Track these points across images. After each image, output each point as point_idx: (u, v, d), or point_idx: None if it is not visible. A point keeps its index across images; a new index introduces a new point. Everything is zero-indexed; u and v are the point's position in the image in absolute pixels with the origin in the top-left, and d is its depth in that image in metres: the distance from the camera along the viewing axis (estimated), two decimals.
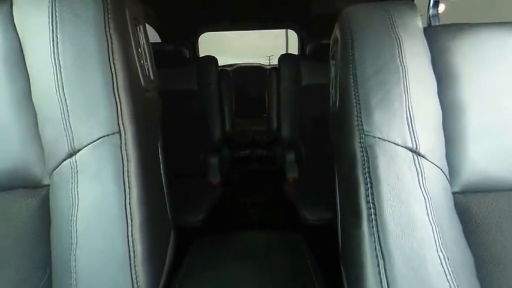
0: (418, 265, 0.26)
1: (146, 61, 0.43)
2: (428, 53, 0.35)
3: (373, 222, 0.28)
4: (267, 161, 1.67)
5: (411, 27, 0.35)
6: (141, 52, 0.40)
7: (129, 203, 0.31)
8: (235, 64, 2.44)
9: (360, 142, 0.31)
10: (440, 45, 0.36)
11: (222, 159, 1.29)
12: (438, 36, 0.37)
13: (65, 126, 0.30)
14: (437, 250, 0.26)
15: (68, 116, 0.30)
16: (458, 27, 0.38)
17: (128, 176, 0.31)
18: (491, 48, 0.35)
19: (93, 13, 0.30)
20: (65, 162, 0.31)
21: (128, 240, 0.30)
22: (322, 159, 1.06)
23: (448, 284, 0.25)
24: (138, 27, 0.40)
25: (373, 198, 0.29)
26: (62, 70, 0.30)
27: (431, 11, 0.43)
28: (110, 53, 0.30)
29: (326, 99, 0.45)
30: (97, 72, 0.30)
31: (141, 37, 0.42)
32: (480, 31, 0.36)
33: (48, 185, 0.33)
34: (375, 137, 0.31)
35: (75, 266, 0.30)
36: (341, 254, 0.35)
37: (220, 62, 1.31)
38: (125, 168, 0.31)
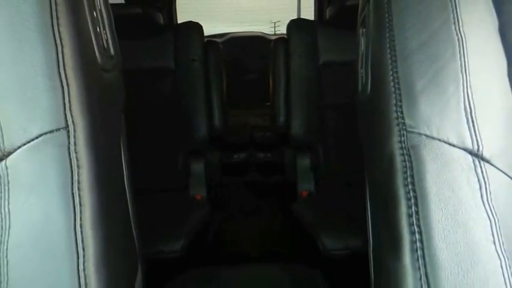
0: (469, 266, 0.27)
1: (104, 29, 0.43)
2: (496, 20, 0.36)
3: (419, 252, 0.29)
4: (271, 168, 1.67)
5: None
6: (97, 17, 0.41)
7: (80, 225, 0.31)
8: (227, 33, 2.44)
9: (401, 141, 0.32)
10: None
11: (209, 166, 1.28)
12: None
13: None
14: (502, 268, 0.27)
15: None
16: None
17: (79, 189, 0.31)
18: None
19: None
20: None
21: (79, 277, 0.30)
22: (348, 166, 1.06)
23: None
24: None
25: (418, 219, 0.29)
26: None
27: None
28: (54, 17, 0.31)
29: (353, 82, 0.46)
30: (35, 44, 0.30)
31: None
32: None
33: None
34: (420, 134, 0.31)
35: None
36: (374, 283, 0.35)
37: (207, 31, 1.31)
38: (75, 178, 0.31)
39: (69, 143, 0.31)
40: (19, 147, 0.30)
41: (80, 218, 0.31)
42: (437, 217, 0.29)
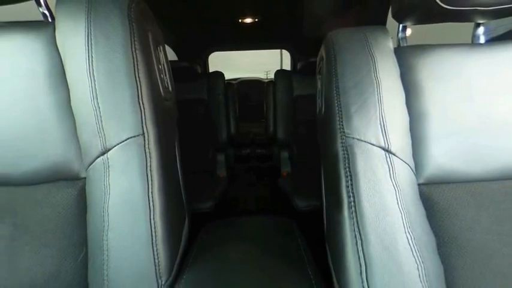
0: (389, 244, 0.26)
1: (165, 75, 0.43)
2: (398, 70, 0.35)
3: (353, 208, 0.28)
4: (265, 158, 1.67)
5: (383, 48, 0.36)
6: (161, 68, 0.40)
7: (151, 193, 0.31)
8: (238, 78, 2.45)
9: (342, 143, 0.31)
10: (408, 63, 0.36)
11: (228, 157, 1.29)
12: (406, 55, 0.37)
13: (98, 130, 0.30)
14: (405, 232, 0.27)
15: (101, 120, 0.30)
16: (422, 48, 0.38)
17: (151, 171, 0.31)
18: (451, 66, 0.35)
19: (121, 36, 0.30)
20: (98, 159, 0.31)
21: (150, 224, 0.30)
22: (311, 157, 1.06)
23: (413, 259, 0.25)
24: (158, 47, 0.40)
25: (352, 189, 0.29)
26: (95, 83, 0.30)
27: (400, 34, 0.43)
28: (136, 69, 0.31)
29: (314, 107, 0.45)
30: (124, 84, 0.30)
31: (161, 55, 0.42)
32: (441, 51, 0.37)
33: (85, 178, 0.33)
34: (354, 138, 0.31)
35: (107, 244, 0.30)
36: (326, 236, 0.35)
37: (227, 77, 1.31)
38: (148, 164, 0.31)
39: (144, 143, 0.31)
40: (115, 146, 0.30)
41: (151, 188, 0.31)
42: (364, 188, 0.28)
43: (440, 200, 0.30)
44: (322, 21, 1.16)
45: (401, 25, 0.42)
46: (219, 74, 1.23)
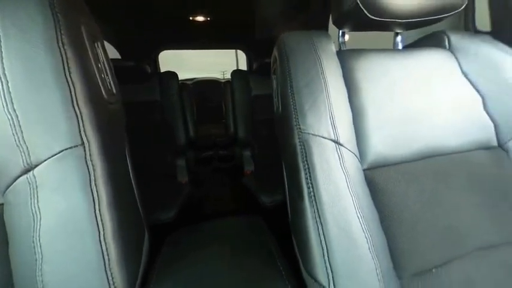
0: (344, 224, 0.29)
1: (107, 75, 0.38)
2: (340, 70, 0.40)
3: (312, 197, 0.30)
4: (227, 159, 1.65)
5: (328, 51, 0.39)
6: (101, 67, 0.35)
7: (99, 211, 0.27)
8: (194, 78, 2.34)
9: (299, 138, 0.33)
10: (348, 64, 0.41)
11: (189, 161, 1.22)
12: (346, 58, 0.42)
13: (18, 142, 0.24)
14: (355, 212, 0.30)
15: (21, 131, 0.24)
16: (358, 52, 0.43)
17: (96, 185, 0.27)
18: (379, 68, 0.41)
19: (42, 29, 0.25)
20: (20, 178, 0.25)
21: (101, 246, 0.26)
22: (272, 154, 1.10)
23: (364, 235, 0.29)
24: (96, 44, 0.35)
25: (311, 180, 0.31)
26: (9, 84, 0.24)
27: (340, 39, 0.48)
28: (65, 67, 0.26)
29: (271, 106, 0.47)
30: (51, 85, 0.25)
31: (100, 53, 0.37)
32: (372, 55, 0.43)
33: (2, 204, 0.26)
34: (309, 133, 0.33)
35: (41, 281, 0.24)
36: (291, 225, 0.36)
37: (180, 77, 1.24)
38: (92, 178, 0.27)
39: (85, 154, 0.27)
40: (45, 161, 0.25)
41: (99, 205, 0.27)
42: (320, 177, 0.30)
43: (380, 181, 0.35)
44: (271, 24, 1.21)
45: (340, 31, 0.47)
46: (172, 74, 1.16)
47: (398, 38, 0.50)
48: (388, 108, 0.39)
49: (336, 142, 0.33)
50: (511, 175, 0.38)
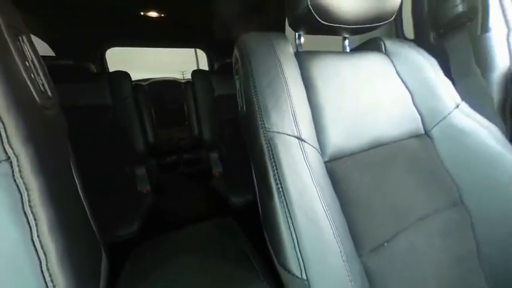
0: (311, 214, 0.30)
1: (38, 75, 0.32)
2: (299, 71, 0.42)
3: (281, 193, 0.31)
4: (193, 163, 1.58)
5: (286, 52, 0.41)
6: (30, 65, 0.30)
7: (38, 236, 0.22)
8: (149, 79, 2.16)
9: (265, 137, 0.34)
10: (305, 65, 0.44)
11: (150, 168, 1.12)
12: (303, 59, 0.45)
13: None
14: (320, 201, 0.32)
15: None
16: (313, 54, 0.47)
17: (31, 206, 0.22)
18: (332, 69, 0.45)
19: None
20: None
21: (43, 277, 0.22)
22: (239, 153, 1.10)
23: (328, 223, 0.31)
24: (20, 38, 0.29)
25: (279, 176, 0.32)
26: None
27: (297, 41, 0.51)
28: None
29: (235, 106, 0.47)
30: None
31: (27, 49, 0.31)
32: (325, 57, 0.46)
33: None
34: (273, 131, 0.34)
35: None
36: (263, 223, 0.37)
37: (134, 76, 1.13)
38: (25, 199, 0.22)
39: (13, 171, 0.22)
40: None
41: (37, 230, 0.22)
42: (287, 173, 0.31)
43: (339, 171, 0.39)
44: (229, 25, 1.21)
45: (296, 34, 0.50)
46: (123, 75, 1.04)
47: (346, 42, 0.56)
48: (341, 105, 0.43)
49: (299, 138, 0.35)
50: (436, 157, 0.47)
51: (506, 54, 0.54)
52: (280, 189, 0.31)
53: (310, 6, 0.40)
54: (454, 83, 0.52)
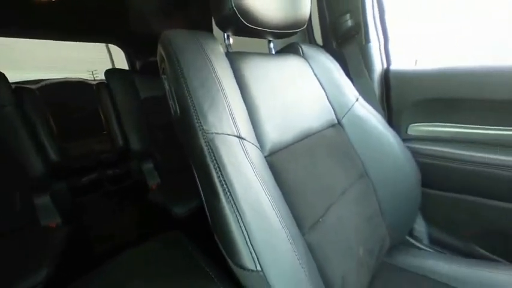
0: (258, 207, 0.32)
1: None
2: (231, 70, 0.43)
3: (228, 193, 0.31)
4: (121, 178, 1.34)
5: (216, 52, 0.41)
6: None
7: None
8: (41, 80, 1.65)
9: (204, 139, 0.33)
10: (237, 65, 0.45)
11: (57, 195, 0.87)
12: (234, 59, 0.46)
13: None
14: (265, 194, 0.34)
15: None
16: (244, 54, 0.49)
17: None
18: (262, 69, 0.49)
19: None
20: None
21: None
22: (178, 159, 1.02)
23: (274, 212, 0.33)
24: None
25: (223, 177, 0.32)
26: None
27: (226, 42, 0.52)
28: None
29: (167, 109, 0.43)
30: None
31: None
32: (255, 58, 0.49)
33: None
34: (213, 133, 0.33)
35: None
36: (212, 227, 0.36)
37: (15, 78, 0.84)
38: None
39: None
40: None
41: None
42: (231, 173, 0.32)
43: (278, 164, 0.42)
44: (148, 17, 1.09)
45: (225, 34, 0.51)
46: None
47: (271, 45, 0.61)
48: (272, 103, 0.46)
49: (239, 137, 0.36)
50: (347, 141, 0.58)
51: (381, 60, 0.73)
52: (226, 189, 0.31)
53: (234, 8, 0.41)
54: (352, 82, 0.66)
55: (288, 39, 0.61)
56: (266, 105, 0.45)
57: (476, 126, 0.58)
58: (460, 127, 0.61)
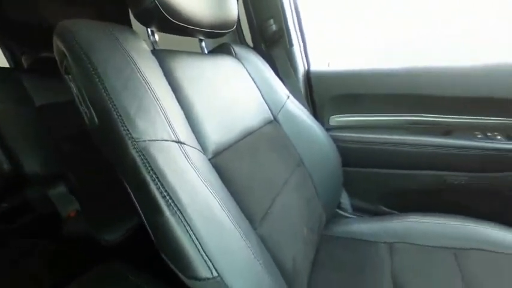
0: (208, 212, 0.31)
1: None
2: (160, 70, 0.39)
3: (172, 204, 0.28)
4: (14, 213, 1.00)
5: (139, 49, 0.37)
6: None
7: None
8: None
9: (135, 149, 0.29)
10: (167, 64, 0.42)
11: None
12: (163, 58, 0.42)
13: None
14: (213, 196, 0.33)
15: None
16: (174, 53, 0.45)
17: None
18: (196, 69, 0.47)
19: None
20: None
21: None
22: (99, 177, 0.84)
23: (224, 213, 0.33)
24: None
25: (164, 188, 0.29)
26: None
27: (151, 38, 0.47)
28: None
29: (74, 117, 0.35)
30: None
31: None
32: (188, 57, 0.47)
33: None
34: (146, 141, 0.30)
35: None
36: (158, 245, 0.32)
37: None
38: None
39: None
40: None
41: None
42: (173, 181, 0.29)
43: (223, 164, 0.42)
44: (33, 1, 0.85)
45: (149, 29, 0.46)
46: None
47: (203, 44, 0.59)
48: (210, 103, 0.46)
49: (178, 142, 0.33)
50: (284, 135, 0.64)
51: (303, 62, 0.83)
52: (170, 200, 0.28)
53: (156, 1, 0.38)
54: (282, 82, 0.73)
55: (219, 39, 0.61)
56: (204, 106, 0.43)
57: (381, 114, 0.76)
58: (368, 116, 0.79)
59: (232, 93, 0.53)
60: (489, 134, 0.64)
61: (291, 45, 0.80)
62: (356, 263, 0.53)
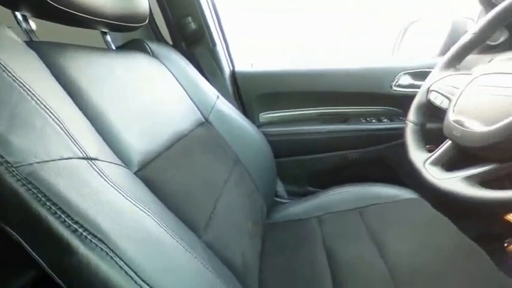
0: (141, 235, 0.26)
1: None
2: (46, 68, 0.30)
3: (89, 237, 0.22)
4: None
5: (4, 39, 0.26)
6: None
7: None
8: None
9: (16, 177, 0.21)
10: (54, 61, 0.32)
11: None
12: (47, 52, 0.32)
13: None
14: (146, 214, 0.28)
15: None
16: (64, 47, 0.35)
17: None
18: (102, 68, 0.38)
19: None
20: None
21: None
22: None
23: (163, 230, 0.29)
24: None
25: (72, 220, 0.22)
26: None
27: (24, 25, 0.35)
28: None
29: None
30: None
31: None
32: (88, 53, 0.38)
33: None
34: (31, 164, 0.22)
35: None
36: None
37: None
38: None
39: None
40: None
41: None
42: (84, 208, 0.23)
43: (154, 176, 0.37)
44: None
45: (19, 14, 0.34)
46: None
47: (108, 38, 0.50)
48: (126, 107, 0.39)
49: (86, 158, 0.27)
50: (218, 135, 0.64)
51: (228, 61, 0.85)
52: (84, 232, 0.22)
53: None
54: (209, 81, 0.72)
55: (128, 34, 0.53)
56: (118, 112, 0.37)
57: (300, 109, 0.88)
58: (290, 111, 0.90)
59: (153, 95, 0.48)
60: (368, 119, 0.88)
61: (214, 44, 0.79)
62: (295, 241, 0.61)
